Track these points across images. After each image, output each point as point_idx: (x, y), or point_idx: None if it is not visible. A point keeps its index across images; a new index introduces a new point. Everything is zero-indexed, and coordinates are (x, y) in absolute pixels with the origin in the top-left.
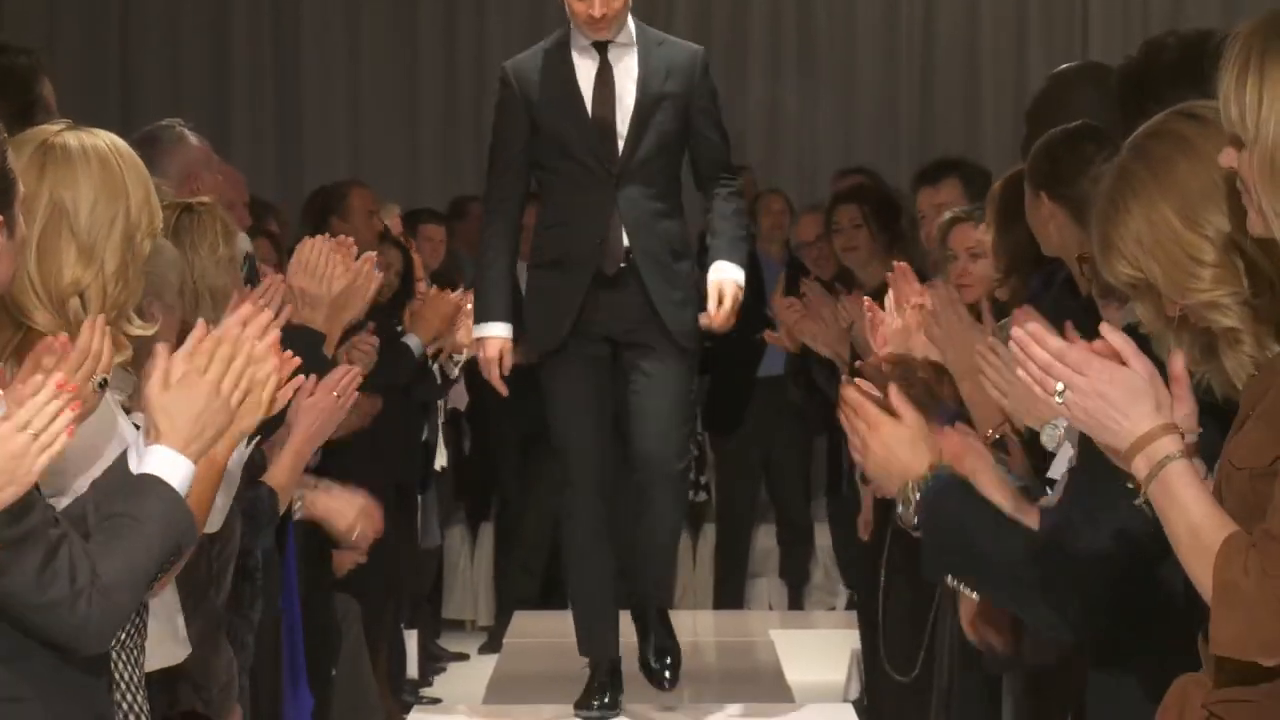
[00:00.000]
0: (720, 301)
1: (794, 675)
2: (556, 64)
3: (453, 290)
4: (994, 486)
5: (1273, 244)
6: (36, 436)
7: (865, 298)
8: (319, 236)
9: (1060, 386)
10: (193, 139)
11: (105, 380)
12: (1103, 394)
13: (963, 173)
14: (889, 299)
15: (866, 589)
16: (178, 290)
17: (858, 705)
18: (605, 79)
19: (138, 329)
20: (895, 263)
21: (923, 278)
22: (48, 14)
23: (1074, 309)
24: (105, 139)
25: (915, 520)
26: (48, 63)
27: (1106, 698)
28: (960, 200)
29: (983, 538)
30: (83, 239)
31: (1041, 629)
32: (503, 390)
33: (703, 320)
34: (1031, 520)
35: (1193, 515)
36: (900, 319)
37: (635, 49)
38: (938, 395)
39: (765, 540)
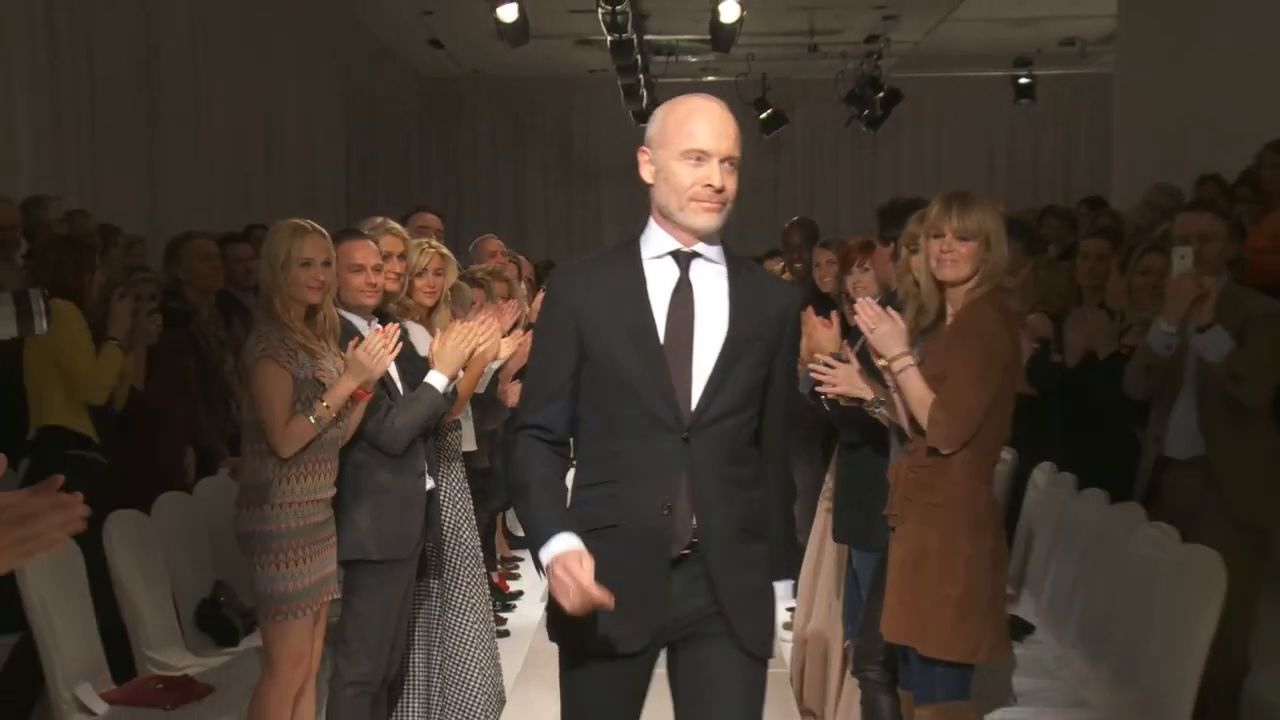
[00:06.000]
0: None
1: None
2: (623, 274)
3: None
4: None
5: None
6: (373, 355)
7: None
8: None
9: (873, 327)
10: (490, 244)
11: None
12: (889, 333)
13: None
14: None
15: None
16: (467, 309)
17: None
18: (684, 299)
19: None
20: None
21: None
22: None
23: (812, 296)
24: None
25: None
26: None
27: (853, 464)
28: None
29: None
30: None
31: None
32: (609, 603)
33: None
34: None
35: (919, 390)
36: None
37: (724, 269)
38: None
39: None
